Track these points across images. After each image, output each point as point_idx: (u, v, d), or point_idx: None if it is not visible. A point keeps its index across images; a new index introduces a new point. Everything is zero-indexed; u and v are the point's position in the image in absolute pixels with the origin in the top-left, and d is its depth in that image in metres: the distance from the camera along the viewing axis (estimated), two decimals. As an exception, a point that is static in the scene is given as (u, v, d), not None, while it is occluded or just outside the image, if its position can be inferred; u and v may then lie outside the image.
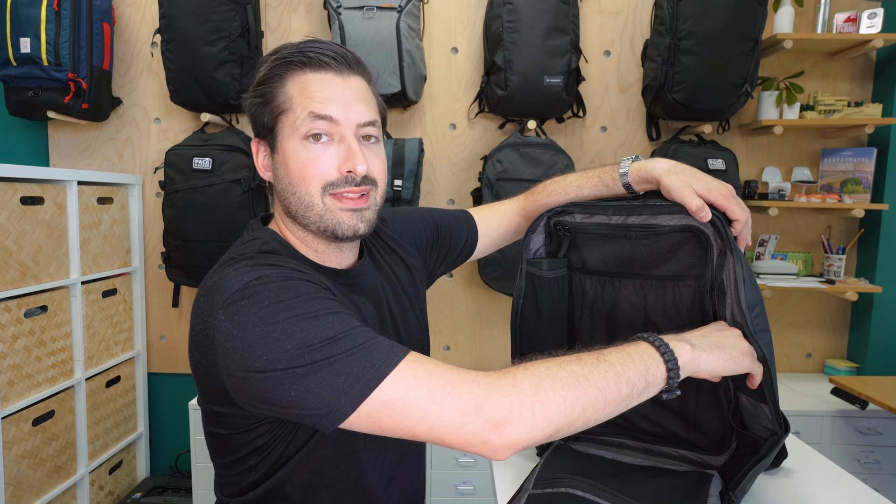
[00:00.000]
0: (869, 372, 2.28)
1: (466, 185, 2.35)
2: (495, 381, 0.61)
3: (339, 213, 0.78)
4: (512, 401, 0.60)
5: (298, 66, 0.78)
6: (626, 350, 0.67)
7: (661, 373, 0.66)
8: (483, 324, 2.43)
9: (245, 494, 0.81)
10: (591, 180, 0.94)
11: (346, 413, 0.62)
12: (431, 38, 2.30)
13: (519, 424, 0.59)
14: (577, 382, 0.62)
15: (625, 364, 0.65)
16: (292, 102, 0.78)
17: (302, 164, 0.77)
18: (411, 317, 0.97)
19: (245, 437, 0.77)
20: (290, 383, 0.63)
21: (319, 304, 0.68)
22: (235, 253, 0.78)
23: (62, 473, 1.93)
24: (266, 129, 0.81)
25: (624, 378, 0.64)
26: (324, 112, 0.76)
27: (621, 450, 0.92)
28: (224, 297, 0.69)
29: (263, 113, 0.80)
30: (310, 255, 0.84)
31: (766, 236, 2.35)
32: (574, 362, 0.64)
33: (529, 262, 0.91)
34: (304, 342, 0.64)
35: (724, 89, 2.04)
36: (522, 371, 0.62)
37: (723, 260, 0.76)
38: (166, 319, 2.43)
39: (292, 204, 0.79)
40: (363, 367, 0.62)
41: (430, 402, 0.60)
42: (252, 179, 2.10)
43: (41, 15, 1.98)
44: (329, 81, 0.78)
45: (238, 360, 0.66)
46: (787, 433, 0.76)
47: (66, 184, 1.95)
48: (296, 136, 0.77)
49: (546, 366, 0.63)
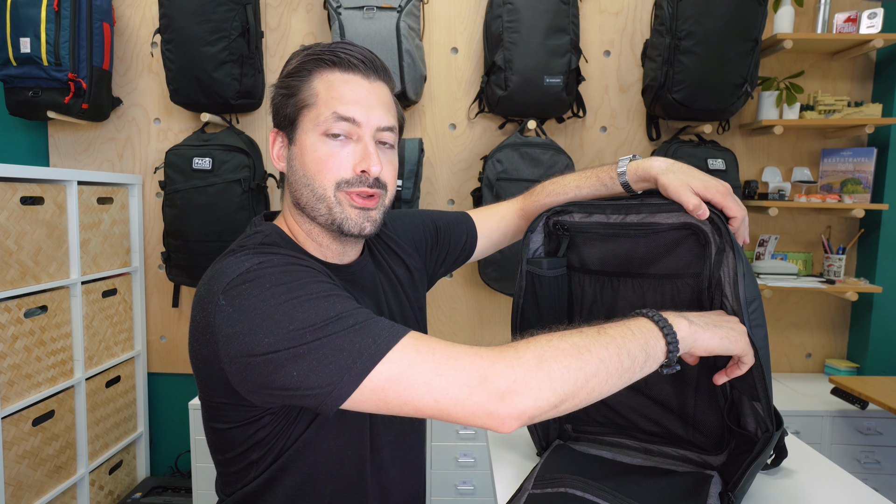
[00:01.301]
0: (869, 372, 2.28)
1: (466, 185, 2.35)
2: (498, 353, 0.62)
3: (348, 209, 0.80)
4: (516, 371, 0.60)
5: (328, 64, 0.81)
6: (626, 324, 0.68)
7: (660, 346, 0.67)
8: (483, 324, 2.43)
9: (245, 487, 0.82)
10: (589, 180, 0.94)
11: (350, 390, 0.62)
12: (431, 38, 2.30)
13: (524, 394, 0.60)
14: (580, 353, 0.62)
15: (625, 337, 0.66)
16: (317, 99, 0.80)
17: (319, 159, 0.79)
18: (410, 317, 0.97)
19: (246, 430, 0.77)
20: (292, 363, 0.64)
21: (320, 287, 0.69)
22: (237, 245, 0.80)
23: (62, 473, 1.93)
24: (287, 121, 0.83)
25: (625, 350, 0.65)
26: (347, 114, 0.79)
27: (621, 450, 0.92)
28: (225, 283, 0.70)
29: (287, 104, 0.82)
30: (313, 249, 0.85)
31: (766, 236, 2.35)
32: (575, 335, 0.65)
33: (530, 262, 0.91)
34: (306, 322, 0.64)
35: (724, 89, 2.04)
36: (525, 344, 0.63)
37: (721, 256, 0.76)
38: (166, 319, 2.43)
39: (304, 195, 0.81)
40: (365, 343, 0.63)
41: (434, 374, 0.61)
42: (252, 179, 2.10)
43: (41, 15, 1.98)
44: (356, 83, 0.81)
45: (239, 345, 0.66)
46: (780, 429, 0.76)
47: (66, 184, 1.95)
48: (316, 131, 0.79)
49: (548, 338, 0.64)
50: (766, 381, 0.74)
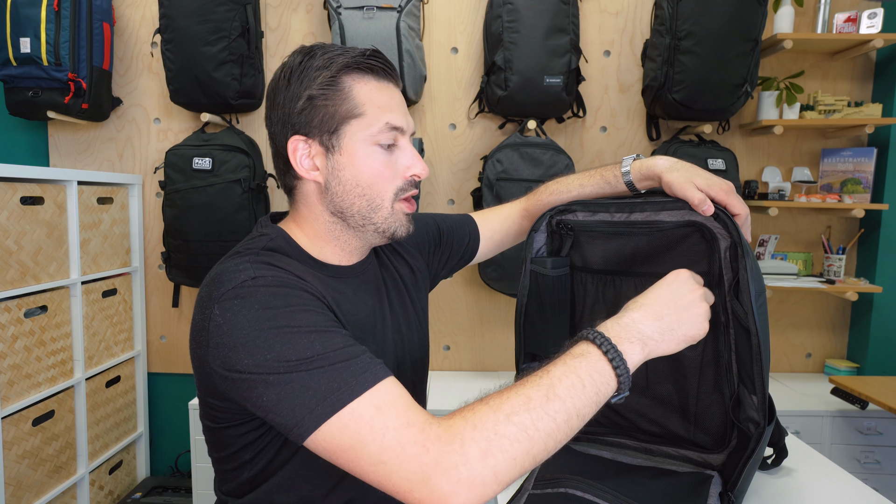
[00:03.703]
0: (869, 372, 2.28)
1: (466, 185, 2.35)
2: (444, 447, 0.59)
3: (402, 217, 0.84)
4: (460, 472, 0.58)
5: (364, 71, 0.81)
6: (576, 370, 0.64)
7: (611, 387, 0.65)
8: (483, 324, 2.43)
9: (242, 497, 0.82)
10: (593, 178, 0.95)
11: (309, 430, 0.63)
12: (431, 38, 2.30)
13: (467, 494, 0.58)
14: (528, 437, 0.60)
15: (575, 394, 0.62)
16: (364, 109, 0.80)
17: (377, 170, 0.81)
18: (412, 317, 0.98)
19: (237, 430, 0.78)
20: (264, 388, 0.65)
21: (306, 318, 0.69)
22: (242, 247, 0.80)
23: (62, 473, 1.93)
24: (324, 129, 0.80)
25: (574, 412, 0.62)
26: (398, 123, 0.81)
27: (621, 450, 0.92)
28: (221, 292, 0.71)
29: (324, 114, 0.79)
30: (321, 252, 0.85)
31: (766, 236, 2.35)
32: (522, 409, 0.61)
33: (533, 261, 0.91)
34: (282, 356, 0.65)
35: (724, 89, 2.04)
36: (470, 431, 0.60)
37: (735, 251, 0.77)
38: (166, 319, 2.43)
39: (356, 205, 0.81)
40: (331, 388, 0.63)
41: (379, 461, 0.60)
42: (252, 179, 2.10)
43: (41, 15, 1.98)
44: (392, 92, 0.83)
45: (224, 357, 0.68)
46: (772, 424, 0.76)
47: (66, 184, 1.95)
48: (368, 141, 0.80)
49: (494, 419, 0.60)
50: (763, 373, 0.74)
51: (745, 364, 0.77)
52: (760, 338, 0.73)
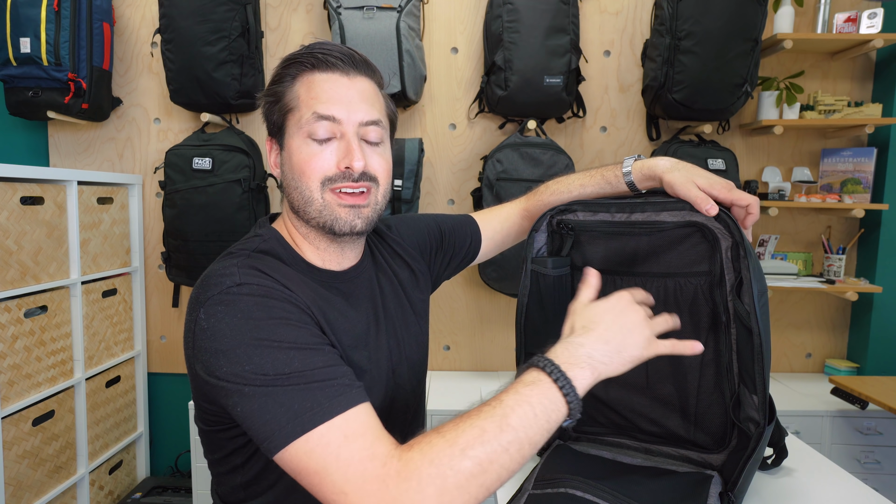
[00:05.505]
0: (869, 372, 2.28)
1: (466, 185, 2.35)
2: (402, 484, 0.59)
3: (336, 209, 0.80)
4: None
5: (308, 66, 0.81)
6: (528, 399, 0.64)
7: (562, 414, 0.65)
8: (483, 324, 2.42)
9: (234, 491, 0.82)
10: (593, 178, 0.95)
11: (279, 446, 0.63)
12: (431, 38, 2.30)
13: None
14: (483, 470, 0.60)
15: (527, 424, 0.62)
16: (299, 101, 0.81)
17: (303, 160, 0.80)
18: (412, 319, 0.97)
19: (228, 433, 0.78)
20: (239, 398, 0.66)
21: (288, 333, 0.69)
22: (235, 248, 0.81)
23: (62, 473, 1.93)
24: (276, 127, 0.84)
25: (527, 441, 0.62)
26: (327, 112, 0.79)
27: (621, 450, 0.92)
28: (207, 296, 0.72)
29: (274, 111, 0.83)
30: (311, 254, 0.85)
31: (766, 236, 2.35)
32: (477, 442, 0.60)
33: (534, 261, 0.91)
34: (259, 369, 0.66)
35: (724, 89, 2.04)
36: (427, 467, 0.59)
37: (736, 252, 0.77)
38: (166, 319, 2.43)
39: (295, 199, 0.82)
40: (304, 407, 0.63)
41: (341, 491, 0.60)
42: (252, 179, 2.10)
43: (41, 15, 1.98)
44: (335, 81, 0.81)
45: (205, 361, 0.69)
46: (772, 424, 0.76)
47: (66, 184, 1.95)
48: (300, 134, 0.80)
49: (450, 454, 0.60)
50: (765, 372, 0.74)
51: (747, 364, 0.77)
52: (762, 337, 0.73)
